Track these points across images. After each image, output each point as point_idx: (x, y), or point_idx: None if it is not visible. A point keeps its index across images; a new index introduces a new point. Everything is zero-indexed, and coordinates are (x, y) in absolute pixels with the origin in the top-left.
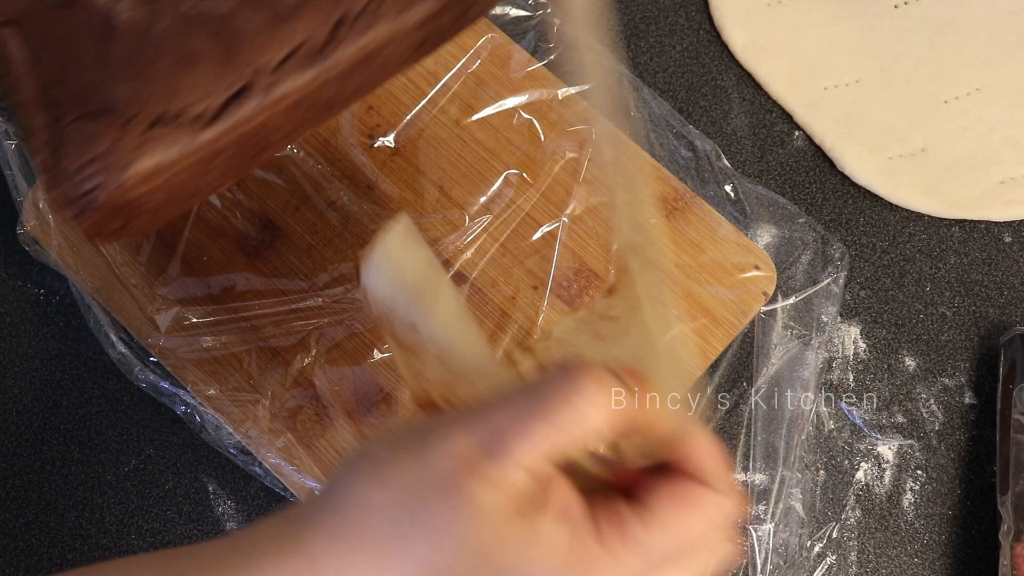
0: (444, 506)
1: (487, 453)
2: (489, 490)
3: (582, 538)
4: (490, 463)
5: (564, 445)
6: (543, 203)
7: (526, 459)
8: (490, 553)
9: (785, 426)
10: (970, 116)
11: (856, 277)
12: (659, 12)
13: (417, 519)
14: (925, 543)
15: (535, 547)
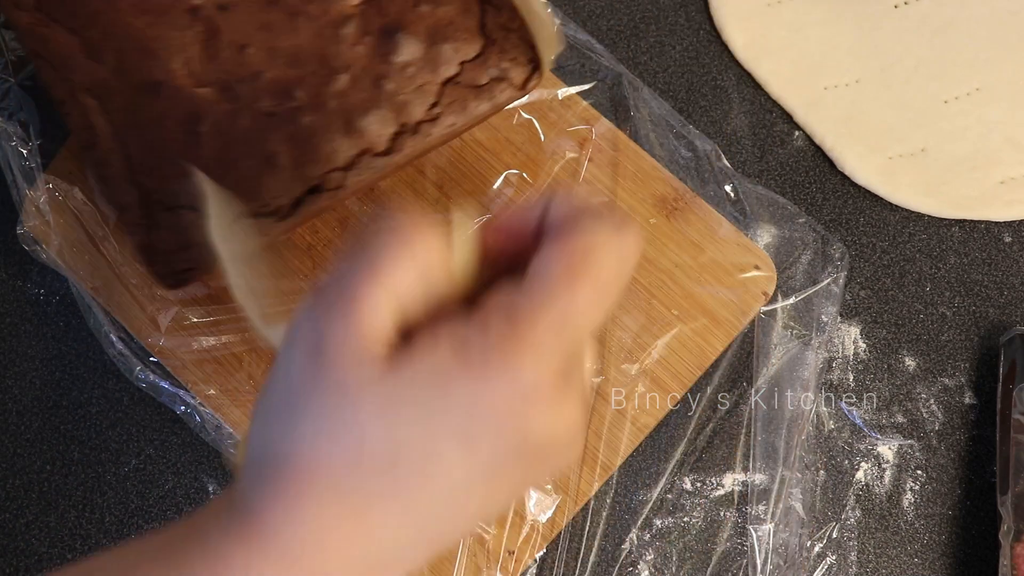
0: (332, 404)
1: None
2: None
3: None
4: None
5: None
6: None
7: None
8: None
9: (785, 426)
10: (970, 116)
11: (856, 277)
12: (659, 12)
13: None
14: (925, 543)
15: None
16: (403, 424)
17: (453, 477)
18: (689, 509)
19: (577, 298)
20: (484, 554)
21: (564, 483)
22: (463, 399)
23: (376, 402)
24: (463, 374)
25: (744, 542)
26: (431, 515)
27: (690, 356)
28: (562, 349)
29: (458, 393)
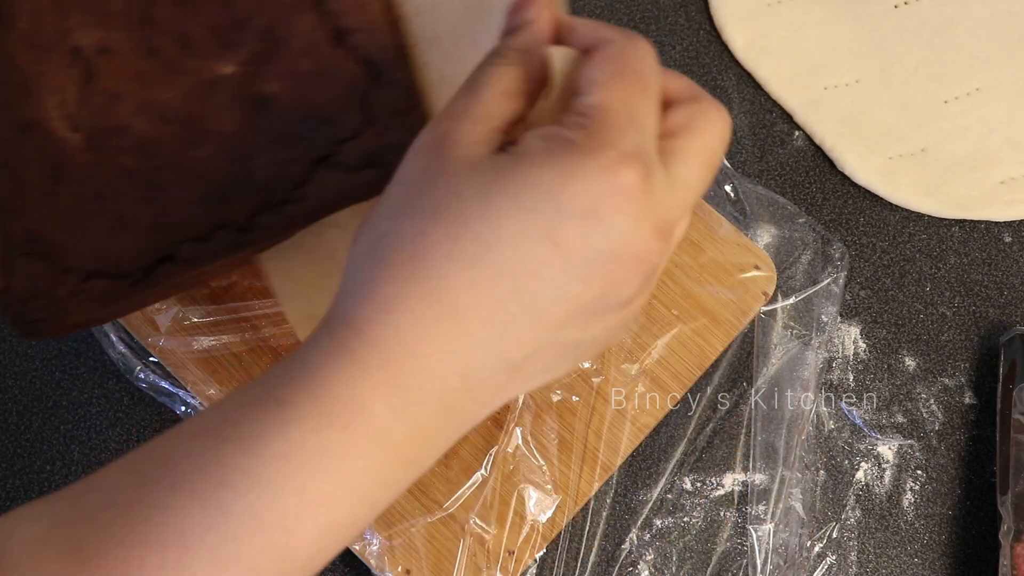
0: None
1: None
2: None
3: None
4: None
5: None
6: None
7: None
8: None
9: (785, 426)
10: (970, 116)
11: (856, 277)
12: (659, 12)
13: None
14: (925, 543)
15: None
16: (497, 214)
17: (541, 277)
18: (689, 509)
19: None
20: (484, 554)
21: (564, 483)
22: (553, 190)
23: (476, 188)
24: (554, 163)
25: (744, 542)
26: (519, 325)
27: (690, 356)
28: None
29: (548, 183)
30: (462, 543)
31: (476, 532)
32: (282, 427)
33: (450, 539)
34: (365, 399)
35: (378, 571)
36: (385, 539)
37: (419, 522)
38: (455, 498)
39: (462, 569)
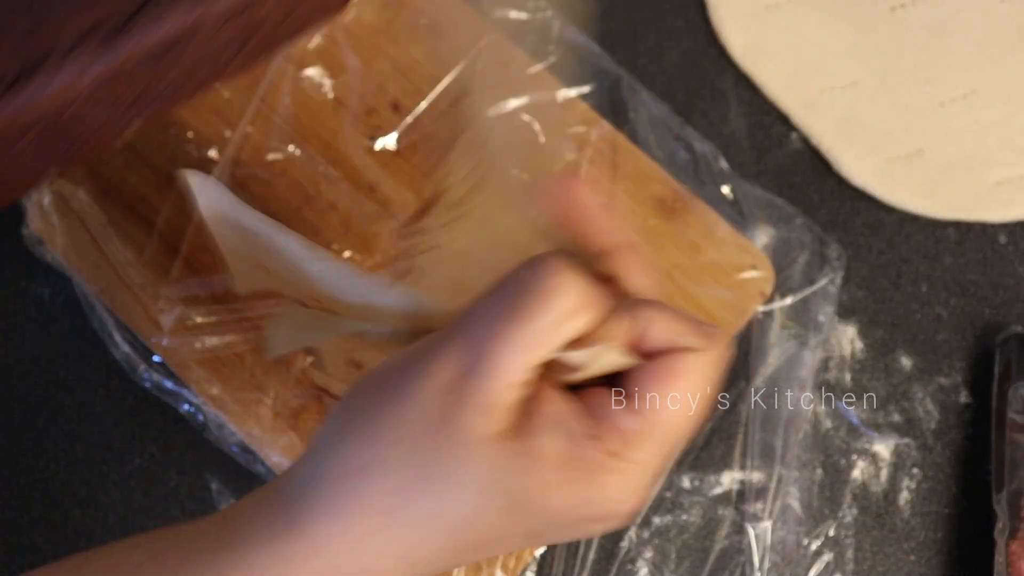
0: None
1: (471, 374)
2: (481, 419)
3: (581, 445)
4: (477, 387)
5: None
6: None
7: (512, 373)
8: (496, 486)
9: (782, 425)
10: (966, 118)
11: (853, 277)
12: (658, 16)
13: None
14: (921, 541)
15: (538, 464)
16: (489, 504)
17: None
18: (687, 507)
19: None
20: None
21: None
22: (554, 510)
23: (478, 479)
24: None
25: (742, 540)
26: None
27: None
28: (658, 469)
29: (552, 505)
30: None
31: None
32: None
33: None
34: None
35: None
36: None
37: None
38: None
39: (462, 568)
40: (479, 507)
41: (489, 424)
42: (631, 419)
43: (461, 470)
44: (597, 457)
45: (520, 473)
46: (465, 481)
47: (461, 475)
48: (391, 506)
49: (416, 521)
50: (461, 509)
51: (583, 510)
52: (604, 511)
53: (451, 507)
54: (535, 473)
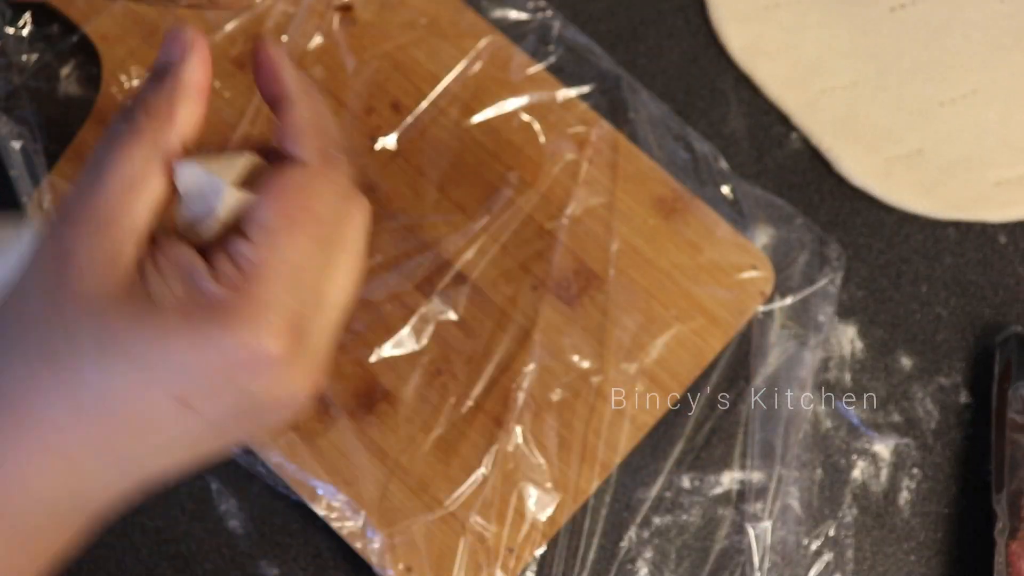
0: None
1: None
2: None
3: (197, 285)
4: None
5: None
6: (543, 204)
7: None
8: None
9: (782, 425)
10: (966, 118)
11: (853, 277)
12: (658, 15)
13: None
14: (921, 541)
15: (154, 313)
16: (119, 376)
17: (169, 434)
18: (687, 507)
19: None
20: (484, 551)
21: (564, 481)
22: (184, 358)
23: (97, 340)
24: (187, 330)
25: (742, 540)
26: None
27: (688, 356)
28: (291, 306)
29: (179, 351)
30: (462, 541)
31: (476, 530)
32: None
33: (451, 537)
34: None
35: (379, 568)
36: (386, 536)
37: (420, 520)
38: (455, 496)
39: (463, 567)
40: (106, 373)
41: (99, 288)
42: (247, 248)
43: (77, 340)
44: (216, 292)
45: (138, 326)
46: (83, 350)
47: (77, 345)
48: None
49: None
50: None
51: (217, 357)
52: (242, 357)
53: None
54: (153, 323)
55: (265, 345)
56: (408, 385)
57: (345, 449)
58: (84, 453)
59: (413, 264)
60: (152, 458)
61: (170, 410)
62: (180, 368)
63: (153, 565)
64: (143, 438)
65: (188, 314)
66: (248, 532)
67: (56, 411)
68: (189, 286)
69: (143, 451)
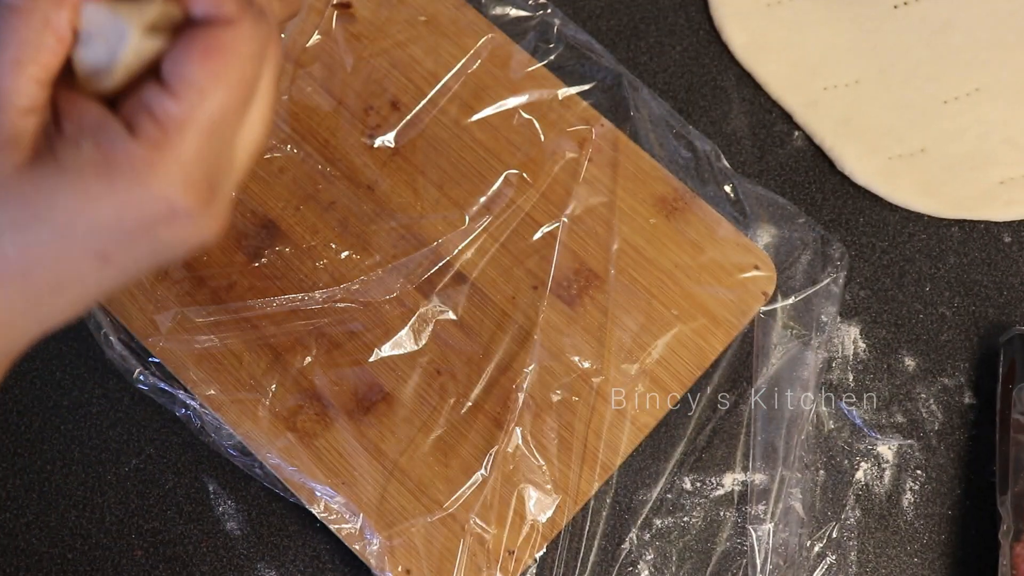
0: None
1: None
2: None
3: (113, 144)
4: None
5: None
6: (543, 203)
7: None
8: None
9: (785, 426)
10: (969, 117)
11: (856, 277)
12: (659, 12)
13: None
14: (925, 543)
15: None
16: (37, 239)
17: (87, 287)
18: (689, 509)
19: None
20: (484, 554)
21: (564, 483)
22: (102, 217)
23: (11, 214)
24: (105, 189)
25: (744, 542)
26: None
27: (690, 356)
28: (209, 159)
29: (97, 211)
30: (462, 543)
31: (476, 532)
32: None
33: (450, 539)
34: None
35: (378, 571)
36: (385, 539)
37: (419, 522)
38: (455, 498)
39: (462, 569)
40: (24, 246)
41: (5, 161)
42: (170, 104)
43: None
44: (134, 151)
45: (53, 193)
46: (5, 232)
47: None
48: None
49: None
50: (9, 255)
51: (136, 213)
52: (161, 211)
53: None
54: (70, 187)
55: (184, 200)
56: (407, 386)
57: (343, 450)
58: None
59: (412, 264)
60: (69, 307)
61: (90, 266)
62: (99, 227)
63: (150, 567)
64: (63, 293)
65: (103, 173)
66: (246, 534)
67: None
68: (103, 145)
69: (62, 304)
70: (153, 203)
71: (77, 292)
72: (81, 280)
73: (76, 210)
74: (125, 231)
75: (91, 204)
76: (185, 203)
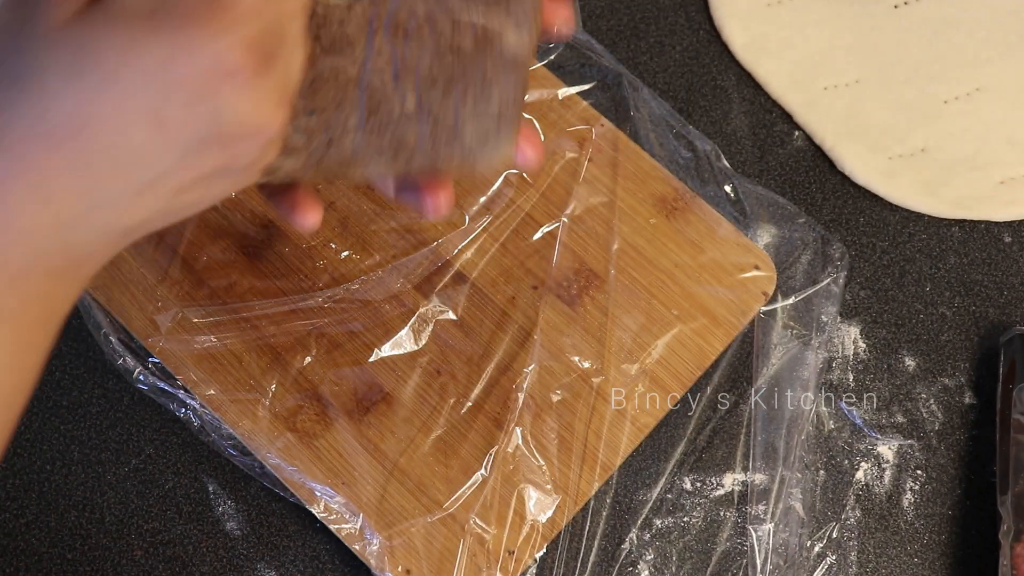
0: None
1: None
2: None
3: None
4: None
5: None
6: (543, 203)
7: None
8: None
9: (785, 426)
10: (970, 116)
11: (856, 277)
12: (659, 12)
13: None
14: (925, 543)
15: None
16: (92, 92)
17: (144, 158)
18: (689, 509)
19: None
20: (484, 554)
21: (564, 483)
22: (155, 69)
23: (68, 59)
24: (155, 38)
25: (744, 542)
26: (124, 201)
27: (690, 356)
28: (263, 21)
29: (150, 62)
30: (462, 543)
31: (476, 532)
32: None
33: (450, 539)
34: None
35: (378, 571)
36: (385, 539)
37: (419, 522)
38: (455, 498)
39: (462, 569)
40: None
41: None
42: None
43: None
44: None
45: (108, 39)
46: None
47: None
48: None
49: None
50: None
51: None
52: (213, 67)
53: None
54: (123, 35)
55: (236, 56)
56: (407, 386)
57: (343, 450)
58: (65, 194)
59: (412, 263)
60: (132, 201)
61: (147, 134)
62: (151, 79)
63: (150, 568)
64: (120, 174)
65: (158, 25)
66: (246, 534)
67: (34, 145)
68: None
69: (121, 191)
70: (204, 59)
71: (135, 176)
72: (136, 151)
73: (129, 58)
74: (176, 87)
75: (143, 53)
76: (239, 59)
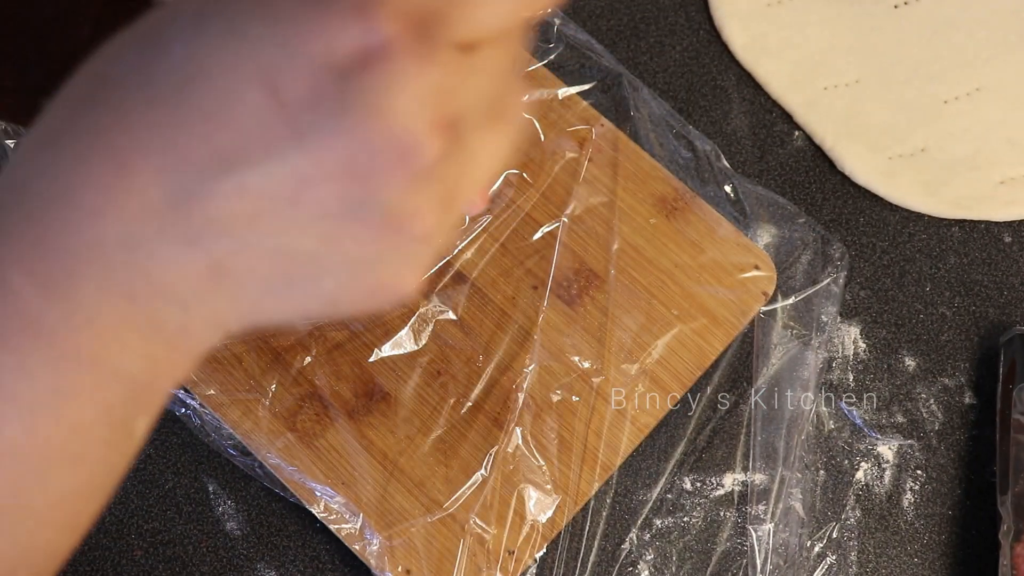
0: None
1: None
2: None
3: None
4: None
5: None
6: (543, 203)
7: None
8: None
9: (785, 426)
10: (970, 116)
11: (856, 277)
12: (659, 12)
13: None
14: (925, 543)
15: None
16: (206, 38)
17: (247, 132)
18: (689, 509)
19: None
20: (484, 554)
21: (564, 483)
22: (281, 19)
23: (195, 6)
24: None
25: (744, 542)
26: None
27: (690, 356)
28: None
29: (277, 9)
30: (462, 543)
31: (476, 532)
32: None
33: (450, 539)
34: (2, 267)
35: (378, 571)
36: (385, 539)
37: (419, 522)
38: (455, 498)
39: (462, 569)
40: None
41: None
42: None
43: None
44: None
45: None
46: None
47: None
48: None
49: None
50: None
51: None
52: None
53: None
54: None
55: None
56: (407, 386)
57: (343, 450)
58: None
59: None
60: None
61: (257, 100)
62: (278, 34)
63: (150, 568)
64: (220, 146)
65: None
66: (246, 534)
67: (131, 95)
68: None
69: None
70: (348, 13)
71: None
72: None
73: (256, 5)
74: (308, 52)
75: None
76: (386, 27)
